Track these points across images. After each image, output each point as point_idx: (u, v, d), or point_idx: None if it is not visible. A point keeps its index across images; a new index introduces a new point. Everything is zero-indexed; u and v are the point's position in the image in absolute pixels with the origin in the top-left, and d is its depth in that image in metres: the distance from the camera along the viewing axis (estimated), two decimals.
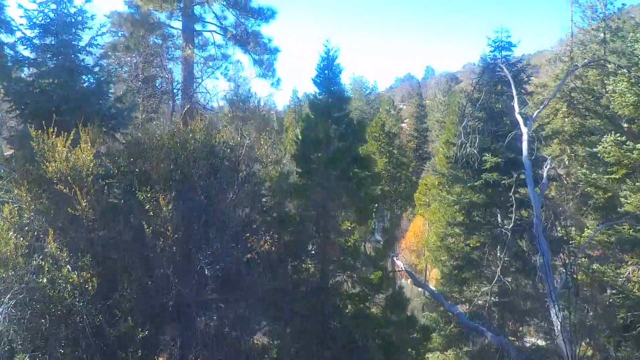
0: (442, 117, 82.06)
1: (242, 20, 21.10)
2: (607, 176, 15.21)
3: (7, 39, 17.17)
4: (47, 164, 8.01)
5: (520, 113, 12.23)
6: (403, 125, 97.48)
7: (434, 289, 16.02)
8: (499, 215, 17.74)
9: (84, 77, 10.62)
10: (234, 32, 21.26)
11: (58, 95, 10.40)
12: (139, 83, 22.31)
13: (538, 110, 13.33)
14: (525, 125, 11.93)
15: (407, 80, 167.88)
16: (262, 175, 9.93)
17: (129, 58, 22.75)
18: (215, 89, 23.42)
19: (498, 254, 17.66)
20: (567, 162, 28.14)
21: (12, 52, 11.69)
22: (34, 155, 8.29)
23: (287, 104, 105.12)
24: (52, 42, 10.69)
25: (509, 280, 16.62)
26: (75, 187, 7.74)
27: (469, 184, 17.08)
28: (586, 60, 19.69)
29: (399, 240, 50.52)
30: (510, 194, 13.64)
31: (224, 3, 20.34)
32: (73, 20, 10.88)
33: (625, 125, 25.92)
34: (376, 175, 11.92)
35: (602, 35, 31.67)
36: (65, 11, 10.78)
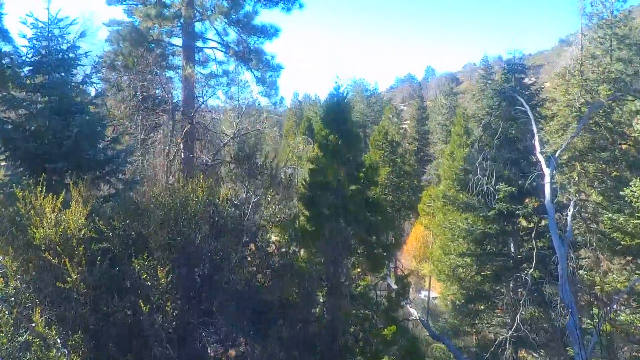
0: (443, 120, 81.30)
1: (245, 37, 20.35)
2: (635, 221, 14.29)
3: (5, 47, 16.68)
4: (34, 229, 7.30)
5: (541, 152, 11.51)
6: (404, 126, 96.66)
7: (453, 345, 15.24)
8: (512, 245, 17.07)
9: (77, 118, 9.86)
10: (236, 48, 20.49)
11: (49, 139, 9.71)
12: (138, 98, 21.56)
13: (560, 150, 12.63)
14: (548, 166, 11.20)
15: (407, 81, 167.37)
16: (269, 236, 9.21)
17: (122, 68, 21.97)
18: (217, 107, 22.50)
19: (511, 286, 17.03)
20: (577, 179, 27.44)
21: (8, 61, 11.08)
22: (21, 217, 7.59)
23: (287, 106, 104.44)
24: (44, 81, 9.98)
25: (523, 313, 15.96)
26: (65, 258, 7.03)
27: (481, 214, 16.37)
28: (612, 94, 18.81)
29: (401, 246, 49.77)
30: (531, 235, 12.86)
31: (226, 21, 19.58)
32: (65, 56, 10.18)
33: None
34: (389, 221, 11.21)
35: (608, 43, 31.14)
36: (57, 48, 10.08)
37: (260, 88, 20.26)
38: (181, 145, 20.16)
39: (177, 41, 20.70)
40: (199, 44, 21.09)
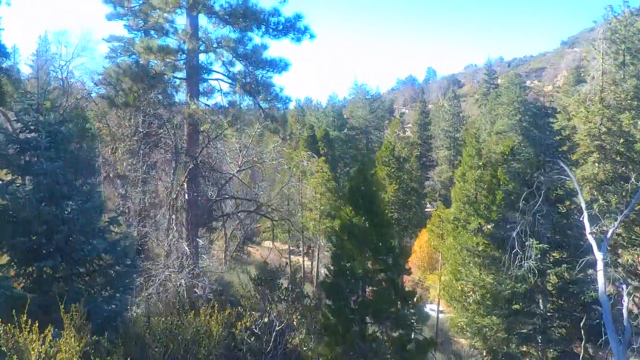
0: (447, 127, 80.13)
1: (252, 69, 19.08)
2: None
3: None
4: None
5: (592, 233, 10.29)
6: (406, 130, 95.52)
7: None
8: (540, 301, 15.91)
9: (70, 206, 8.67)
10: (244, 81, 19.22)
11: (39, 231, 8.52)
12: (140, 135, 20.37)
13: (613, 229, 11.40)
14: (600, 249, 9.98)
15: (408, 82, 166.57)
16: None
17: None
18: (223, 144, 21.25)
19: (539, 344, 15.88)
20: (597, 212, 26.11)
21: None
22: (3, 354, 6.40)
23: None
24: (33, 163, 8.76)
25: None
26: None
27: (509, 272, 15.18)
28: None
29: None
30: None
31: (233, 54, 18.31)
32: (57, 130, 8.96)
33: None
34: (425, 315, 10.03)
35: (622, 58, 30.06)
36: (48, 121, 8.85)
37: (271, 125, 19.05)
38: (185, 184, 19.01)
39: (180, 73, 19.49)
40: (204, 75, 19.87)
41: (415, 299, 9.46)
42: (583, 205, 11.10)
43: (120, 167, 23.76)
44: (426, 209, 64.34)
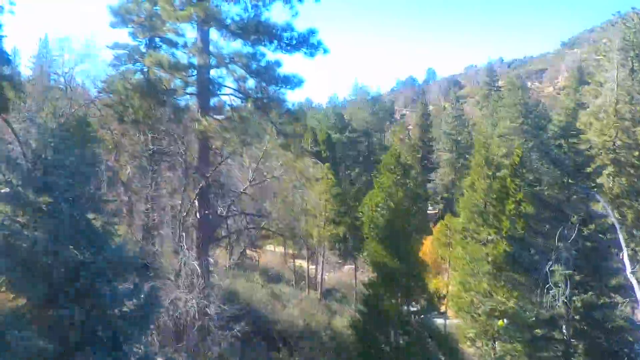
0: (449, 129, 79.43)
1: (265, 84, 18.58)
2: None
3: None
4: None
5: (632, 272, 9.87)
6: (408, 133, 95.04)
7: None
8: (564, 327, 15.49)
9: (92, 249, 8.22)
10: (255, 96, 18.72)
11: (54, 272, 8.09)
12: (149, 152, 19.85)
13: None
14: None
15: (409, 83, 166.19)
16: None
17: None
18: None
19: None
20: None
21: None
22: None
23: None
24: (49, 203, 8.29)
25: None
26: None
27: (535, 299, 14.71)
28: None
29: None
30: None
31: (246, 70, 17.81)
32: (73, 163, 8.51)
33: None
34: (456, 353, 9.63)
35: (630, 64, 29.80)
36: (63, 161, 8.39)
37: (283, 141, 18.58)
38: (196, 202, 18.54)
39: (191, 88, 18.99)
40: (215, 90, 19.38)
41: (453, 343, 9.05)
42: (622, 242, 10.66)
43: (122, 174, 23.30)
44: (428, 211, 63.79)
